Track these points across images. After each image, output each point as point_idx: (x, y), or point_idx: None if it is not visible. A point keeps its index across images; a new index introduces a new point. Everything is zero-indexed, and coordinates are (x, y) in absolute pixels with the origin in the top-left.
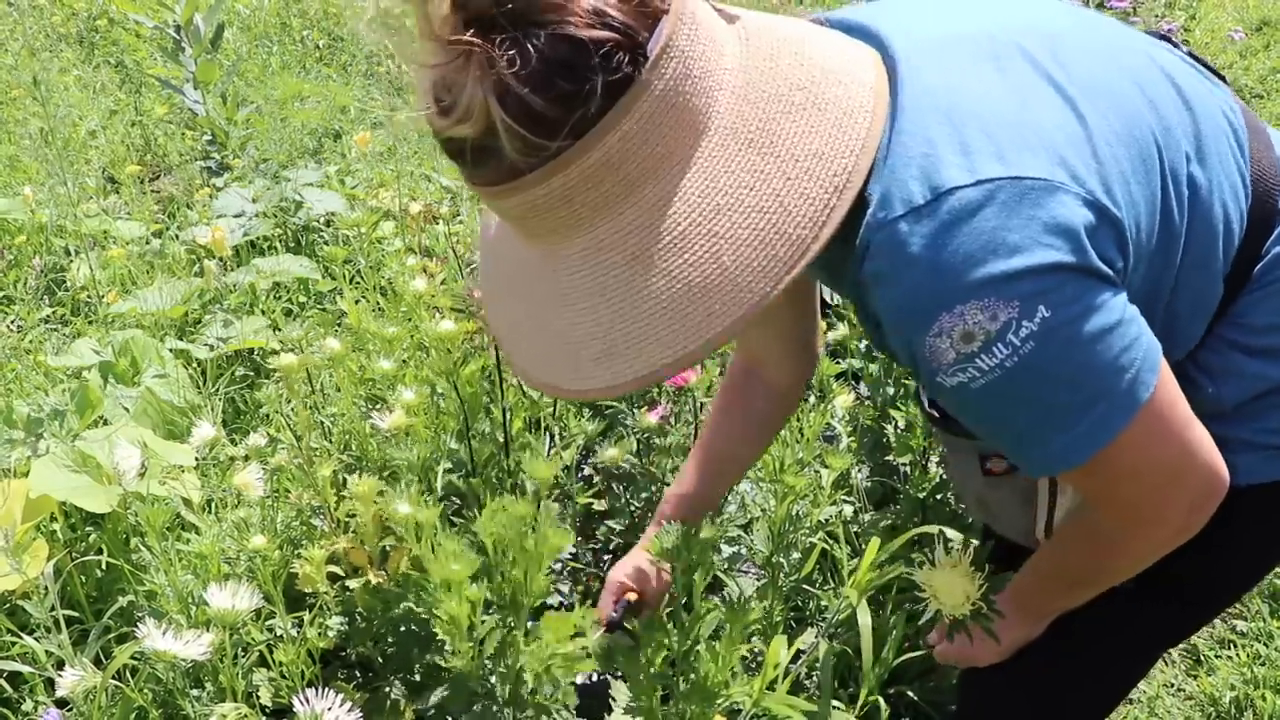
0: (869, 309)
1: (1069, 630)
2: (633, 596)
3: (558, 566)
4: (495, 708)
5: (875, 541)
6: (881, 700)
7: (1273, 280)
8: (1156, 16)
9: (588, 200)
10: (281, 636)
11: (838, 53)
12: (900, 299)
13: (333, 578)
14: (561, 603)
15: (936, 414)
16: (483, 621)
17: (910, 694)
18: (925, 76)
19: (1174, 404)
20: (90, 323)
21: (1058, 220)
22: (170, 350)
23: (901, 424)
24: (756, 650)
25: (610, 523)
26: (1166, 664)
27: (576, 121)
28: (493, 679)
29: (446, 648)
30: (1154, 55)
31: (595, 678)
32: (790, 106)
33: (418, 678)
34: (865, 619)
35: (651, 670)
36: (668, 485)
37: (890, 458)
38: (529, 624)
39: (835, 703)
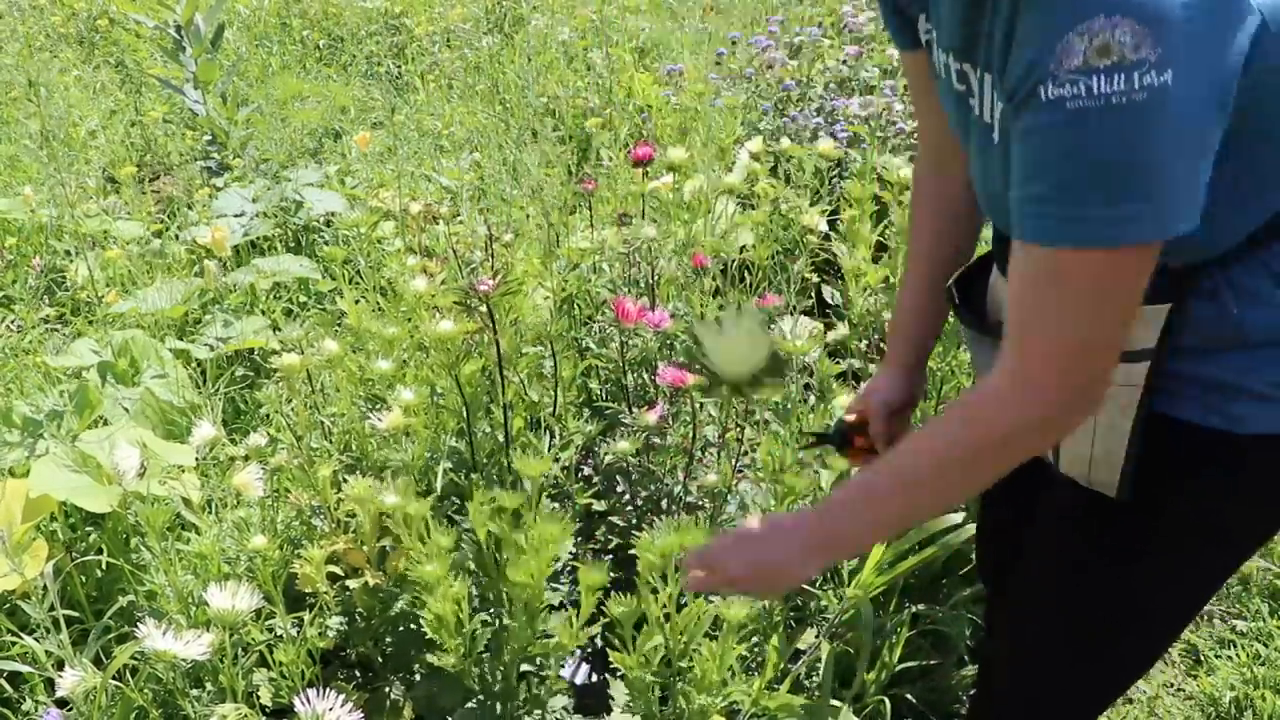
0: None
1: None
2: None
3: (557, 565)
4: (489, 703)
5: (877, 546)
6: (887, 701)
7: None
8: None
9: None
10: (281, 636)
11: None
12: None
13: (332, 578)
14: (563, 603)
15: (972, 315)
16: (473, 618)
17: (909, 697)
18: None
19: (1141, 283)
20: (90, 323)
21: (1241, 5)
22: (170, 350)
23: None
24: (756, 650)
25: (611, 520)
26: (1166, 664)
27: None
28: (486, 675)
29: (438, 646)
30: None
31: (592, 676)
32: None
33: (417, 677)
34: (868, 612)
35: (649, 669)
36: (666, 484)
37: None
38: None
39: (836, 703)
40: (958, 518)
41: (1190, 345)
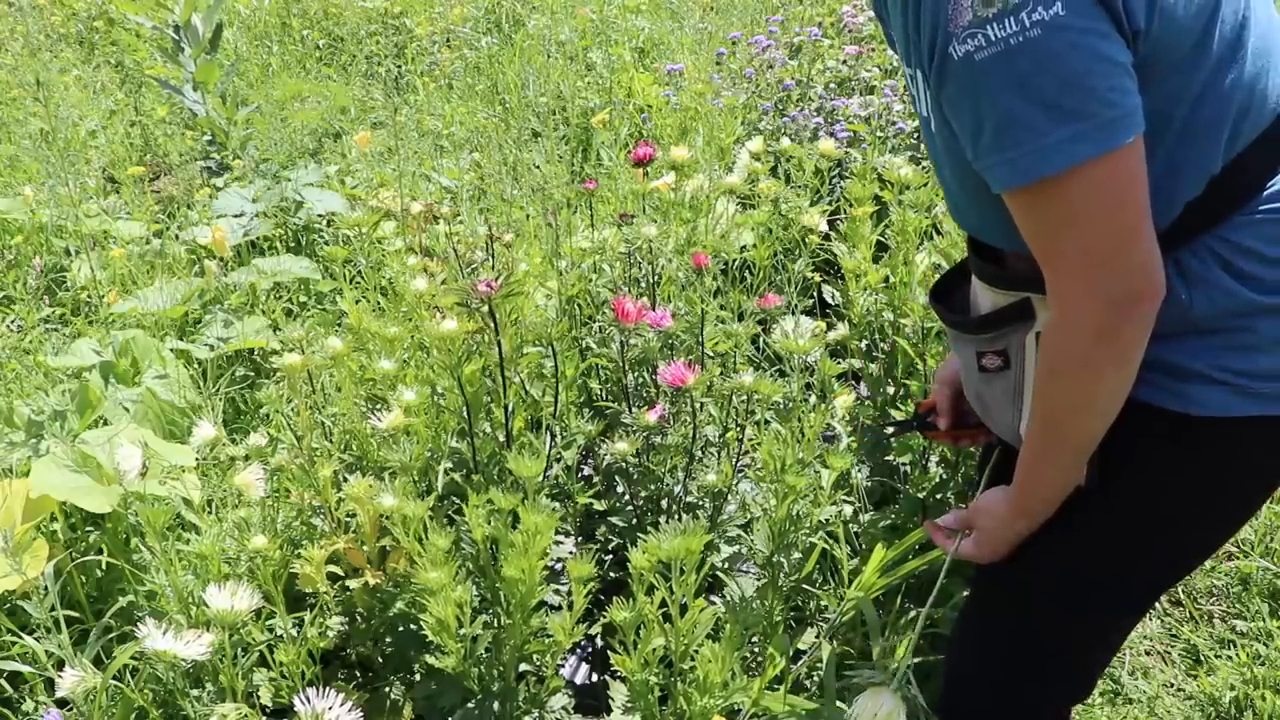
0: None
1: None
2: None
3: (557, 566)
4: (488, 703)
5: (880, 548)
6: None
7: (1270, 211)
8: None
9: None
10: (281, 636)
11: None
12: None
13: (333, 578)
14: (561, 605)
15: (953, 315)
16: (473, 621)
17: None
18: None
19: (1138, 179)
20: (90, 323)
21: None
22: (171, 350)
23: None
24: (757, 651)
25: (611, 520)
26: (1166, 664)
27: None
28: (485, 675)
29: (438, 648)
30: None
31: (592, 676)
32: None
33: (417, 677)
34: (871, 614)
35: (649, 671)
36: (666, 484)
37: (890, 458)
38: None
39: (839, 704)
40: None
41: None
